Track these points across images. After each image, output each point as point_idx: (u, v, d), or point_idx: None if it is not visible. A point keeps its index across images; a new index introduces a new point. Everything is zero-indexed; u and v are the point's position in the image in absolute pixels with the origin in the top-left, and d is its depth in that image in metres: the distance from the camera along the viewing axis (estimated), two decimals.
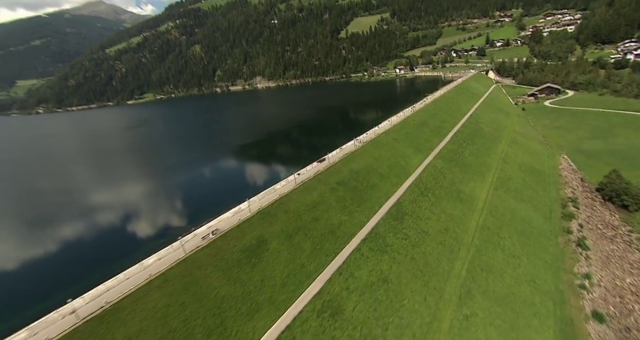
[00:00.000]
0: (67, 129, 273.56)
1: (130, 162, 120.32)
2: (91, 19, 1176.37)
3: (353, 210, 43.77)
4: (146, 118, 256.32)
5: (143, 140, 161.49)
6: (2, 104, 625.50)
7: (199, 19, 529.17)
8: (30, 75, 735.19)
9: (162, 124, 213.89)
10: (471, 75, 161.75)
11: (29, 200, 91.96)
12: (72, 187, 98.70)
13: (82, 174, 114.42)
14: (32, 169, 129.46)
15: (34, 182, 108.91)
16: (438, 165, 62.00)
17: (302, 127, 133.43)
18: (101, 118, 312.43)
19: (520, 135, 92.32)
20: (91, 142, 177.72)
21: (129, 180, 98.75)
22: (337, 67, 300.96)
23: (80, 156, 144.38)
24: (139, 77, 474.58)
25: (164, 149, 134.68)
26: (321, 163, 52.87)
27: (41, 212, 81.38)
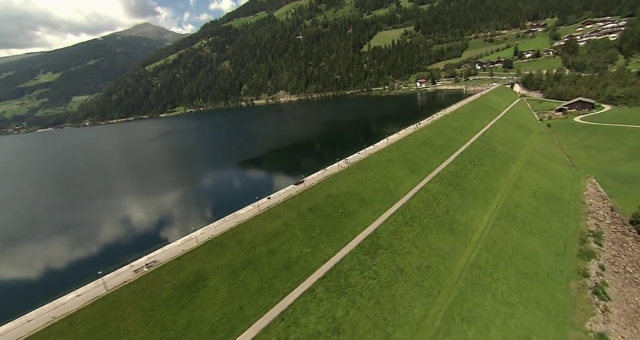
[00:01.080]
0: (92, 142, 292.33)
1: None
2: (138, 39, 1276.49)
3: (320, 241, 39.65)
4: (164, 131, 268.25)
5: (143, 158, 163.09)
6: (59, 117, 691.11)
7: (230, 36, 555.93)
8: (84, 92, 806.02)
9: (174, 138, 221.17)
10: (493, 88, 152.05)
11: None
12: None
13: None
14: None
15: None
16: (433, 190, 56.25)
17: (305, 143, 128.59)
18: (126, 130, 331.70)
19: (540, 155, 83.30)
20: (103, 155, 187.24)
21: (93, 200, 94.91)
22: (358, 81, 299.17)
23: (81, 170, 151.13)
24: (172, 92, 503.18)
25: (161, 164, 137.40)
26: (297, 186, 49.47)
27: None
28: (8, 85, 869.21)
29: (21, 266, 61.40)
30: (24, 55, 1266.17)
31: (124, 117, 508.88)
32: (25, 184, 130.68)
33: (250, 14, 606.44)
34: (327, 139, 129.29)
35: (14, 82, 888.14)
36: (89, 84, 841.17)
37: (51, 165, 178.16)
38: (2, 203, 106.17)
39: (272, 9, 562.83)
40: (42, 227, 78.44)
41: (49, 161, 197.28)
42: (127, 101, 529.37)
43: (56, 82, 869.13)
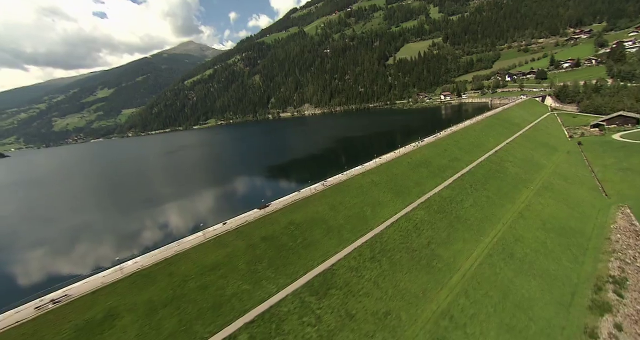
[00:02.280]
0: (130, 151, 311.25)
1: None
2: (182, 56, 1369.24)
3: (263, 277, 35.85)
4: (189, 143, 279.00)
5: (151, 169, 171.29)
6: (109, 129, 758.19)
7: (262, 51, 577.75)
8: (132, 105, 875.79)
9: (196, 150, 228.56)
10: (519, 101, 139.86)
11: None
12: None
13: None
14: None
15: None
16: (417, 218, 50.33)
17: (304, 159, 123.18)
18: (153, 141, 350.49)
19: (562, 179, 73.13)
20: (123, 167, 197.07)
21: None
22: (382, 93, 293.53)
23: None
24: (206, 105, 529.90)
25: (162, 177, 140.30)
26: (261, 210, 46.33)
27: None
28: (73, 101, 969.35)
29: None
30: (88, 74, 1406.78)
31: (161, 129, 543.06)
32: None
33: (283, 29, 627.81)
34: (330, 153, 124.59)
35: (78, 97, 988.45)
36: (136, 98, 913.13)
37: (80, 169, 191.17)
38: None
39: (303, 25, 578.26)
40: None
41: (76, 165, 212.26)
42: (165, 114, 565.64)
43: (110, 97, 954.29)
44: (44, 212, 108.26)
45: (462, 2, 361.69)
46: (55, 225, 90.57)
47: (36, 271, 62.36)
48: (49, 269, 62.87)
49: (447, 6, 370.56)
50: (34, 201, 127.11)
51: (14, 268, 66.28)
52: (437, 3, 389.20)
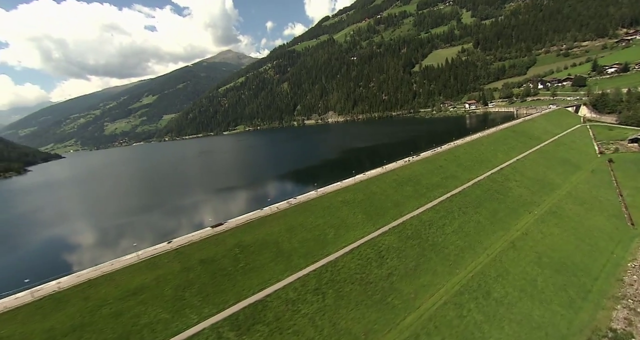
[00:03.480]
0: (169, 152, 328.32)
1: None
2: (220, 64, 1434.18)
3: (189, 305, 33.50)
4: (209, 149, 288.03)
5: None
6: (149, 133, 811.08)
7: (292, 59, 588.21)
8: (172, 111, 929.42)
9: (213, 155, 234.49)
10: (546, 111, 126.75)
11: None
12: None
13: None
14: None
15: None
16: (384, 244, 45.73)
17: (302, 169, 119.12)
18: (182, 146, 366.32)
19: (577, 202, 63.87)
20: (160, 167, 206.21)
21: None
22: (406, 101, 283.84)
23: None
24: (236, 111, 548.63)
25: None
26: (214, 228, 44.48)
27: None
28: (122, 107, 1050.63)
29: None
30: (137, 82, 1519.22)
31: (194, 134, 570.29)
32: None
33: (314, 37, 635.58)
34: (328, 164, 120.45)
35: (126, 104, 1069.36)
36: (176, 104, 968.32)
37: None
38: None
39: (334, 32, 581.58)
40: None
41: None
42: (199, 120, 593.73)
43: (153, 103, 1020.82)
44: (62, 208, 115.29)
45: (497, 6, 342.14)
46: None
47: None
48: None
49: (480, 10, 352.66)
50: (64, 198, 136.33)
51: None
52: (470, 7, 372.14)
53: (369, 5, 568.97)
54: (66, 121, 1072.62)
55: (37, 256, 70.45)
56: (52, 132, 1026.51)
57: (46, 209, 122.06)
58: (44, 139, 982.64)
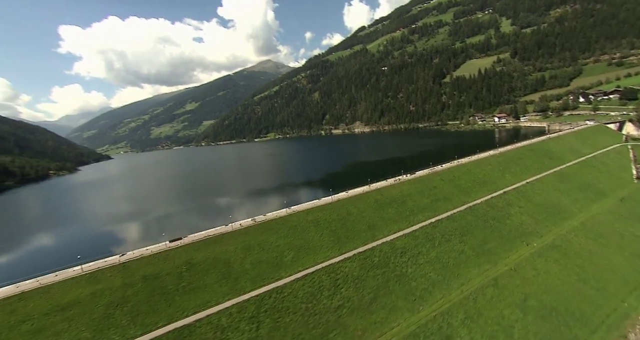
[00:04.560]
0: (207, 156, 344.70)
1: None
2: (259, 73, 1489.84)
3: (115, 325, 32.84)
4: (233, 155, 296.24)
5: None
6: (189, 138, 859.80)
7: (325, 69, 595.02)
8: (211, 117, 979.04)
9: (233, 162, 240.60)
10: (580, 128, 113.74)
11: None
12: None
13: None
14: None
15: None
16: (343, 271, 43.07)
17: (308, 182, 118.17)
18: (214, 151, 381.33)
19: (591, 236, 55.94)
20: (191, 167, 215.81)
21: None
22: (434, 113, 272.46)
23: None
24: (269, 119, 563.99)
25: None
26: (172, 243, 44.68)
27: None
28: (167, 113, 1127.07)
29: None
30: (183, 90, 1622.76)
31: (228, 140, 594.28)
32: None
33: (348, 47, 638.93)
34: (336, 176, 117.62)
35: (171, 110, 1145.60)
36: (215, 111, 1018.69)
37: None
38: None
39: (368, 42, 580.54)
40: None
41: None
42: (233, 126, 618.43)
43: (195, 110, 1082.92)
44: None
45: (540, 13, 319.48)
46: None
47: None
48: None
49: (521, 18, 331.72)
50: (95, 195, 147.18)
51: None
52: (510, 15, 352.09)
53: (405, 15, 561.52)
54: (120, 125, 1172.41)
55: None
56: (108, 135, 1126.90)
57: (60, 209, 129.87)
58: (102, 140, 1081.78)
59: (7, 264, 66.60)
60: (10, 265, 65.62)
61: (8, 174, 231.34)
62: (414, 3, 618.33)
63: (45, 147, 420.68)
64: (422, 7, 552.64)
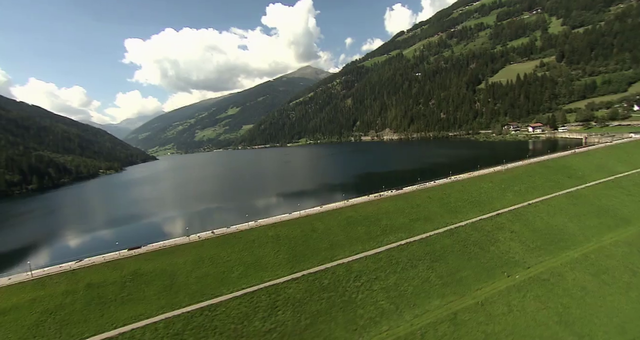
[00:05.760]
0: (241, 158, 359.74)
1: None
2: (298, 79, 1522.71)
3: (41, 334, 33.82)
4: (257, 159, 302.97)
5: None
6: (228, 141, 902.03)
7: (360, 75, 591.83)
8: (250, 122, 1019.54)
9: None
10: (619, 142, 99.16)
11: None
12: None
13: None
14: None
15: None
16: (285, 293, 42.04)
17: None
18: (253, 154, 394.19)
19: (590, 271, 48.54)
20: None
21: None
22: (465, 121, 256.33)
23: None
24: (302, 124, 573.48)
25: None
26: (129, 252, 46.68)
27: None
28: (210, 117, 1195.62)
29: None
30: (226, 95, 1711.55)
31: (263, 144, 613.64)
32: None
33: (385, 53, 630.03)
34: (333, 186, 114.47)
35: (214, 114, 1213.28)
36: (254, 116, 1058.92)
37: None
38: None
39: (405, 48, 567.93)
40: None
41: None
42: (268, 131, 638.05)
43: (236, 115, 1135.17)
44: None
45: (598, 9, 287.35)
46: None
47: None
48: None
49: (574, 17, 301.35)
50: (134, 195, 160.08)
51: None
52: (561, 14, 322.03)
53: (445, 19, 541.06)
54: (169, 128, 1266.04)
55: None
56: (159, 137, 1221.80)
57: (74, 207, 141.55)
58: (153, 142, 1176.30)
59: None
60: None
61: (66, 172, 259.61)
62: (455, 6, 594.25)
63: (102, 148, 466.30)
64: (464, 10, 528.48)
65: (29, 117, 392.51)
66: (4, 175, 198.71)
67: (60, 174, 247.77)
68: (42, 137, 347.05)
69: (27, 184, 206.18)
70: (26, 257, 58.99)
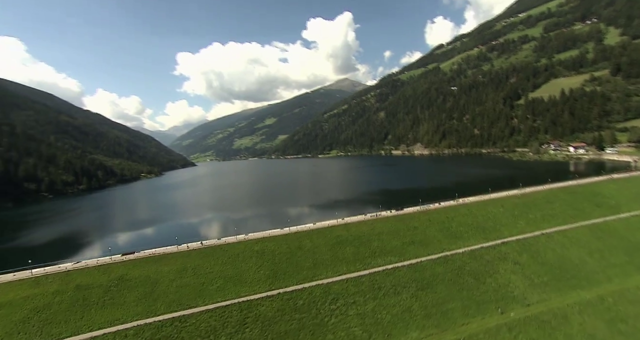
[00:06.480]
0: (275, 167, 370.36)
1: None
2: (335, 91, 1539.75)
3: (26, 330, 36.80)
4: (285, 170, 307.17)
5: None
6: (263, 150, 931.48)
7: (395, 88, 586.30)
8: (286, 132, 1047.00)
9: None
10: None
11: None
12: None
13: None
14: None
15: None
16: (258, 311, 41.99)
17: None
18: (283, 164, 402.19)
19: (603, 317, 43.02)
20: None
21: None
22: (501, 138, 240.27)
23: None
24: (334, 136, 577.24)
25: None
26: (123, 257, 49.71)
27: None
28: (249, 126, 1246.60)
29: None
30: (265, 106, 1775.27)
31: (295, 155, 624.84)
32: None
33: (422, 66, 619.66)
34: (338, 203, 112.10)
35: (252, 124, 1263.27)
36: (290, 126, 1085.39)
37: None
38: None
39: (443, 61, 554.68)
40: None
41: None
42: (301, 142, 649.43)
43: (273, 125, 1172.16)
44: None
45: None
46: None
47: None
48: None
49: (635, 26, 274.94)
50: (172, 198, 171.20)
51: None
52: (621, 23, 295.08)
53: (487, 31, 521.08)
54: (210, 136, 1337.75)
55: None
56: (200, 144, 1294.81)
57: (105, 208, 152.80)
58: (195, 148, 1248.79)
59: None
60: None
61: (112, 174, 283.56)
62: (499, 18, 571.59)
63: (147, 153, 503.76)
64: (508, 21, 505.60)
65: (91, 124, 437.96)
66: (61, 176, 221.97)
67: (107, 176, 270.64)
68: (98, 142, 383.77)
69: (79, 185, 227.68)
70: (44, 253, 64.87)
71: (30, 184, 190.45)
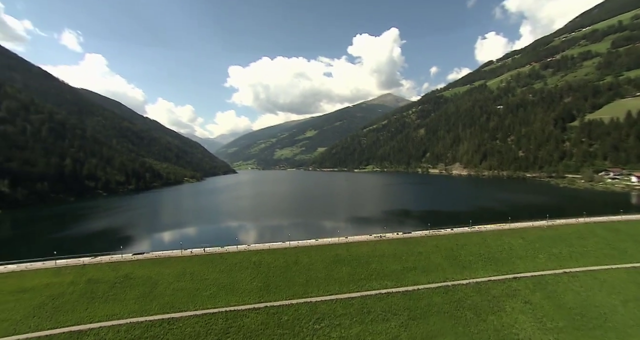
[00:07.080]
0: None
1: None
2: (376, 106, 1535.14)
3: (39, 314, 40.62)
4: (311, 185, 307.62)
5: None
6: (302, 162, 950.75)
7: (438, 105, 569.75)
8: (325, 145, 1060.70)
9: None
10: None
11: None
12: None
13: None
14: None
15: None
16: (241, 322, 43.14)
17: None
18: (318, 176, 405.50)
19: None
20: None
21: None
22: (549, 162, 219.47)
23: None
24: (371, 151, 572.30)
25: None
26: (133, 256, 53.79)
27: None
28: (290, 138, 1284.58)
29: None
30: (308, 119, 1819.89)
31: (331, 168, 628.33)
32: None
33: (468, 83, 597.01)
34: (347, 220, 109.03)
35: (294, 135, 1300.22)
36: (330, 139, 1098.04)
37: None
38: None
39: (490, 78, 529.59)
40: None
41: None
42: (338, 155, 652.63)
43: (313, 137, 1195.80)
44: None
45: None
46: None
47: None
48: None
49: None
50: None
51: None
52: None
53: (542, 47, 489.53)
54: (253, 145, 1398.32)
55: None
56: (243, 153, 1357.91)
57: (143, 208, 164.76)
58: (239, 156, 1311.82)
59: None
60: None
61: (158, 177, 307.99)
62: (559, 33, 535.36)
63: (193, 159, 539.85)
64: (568, 37, 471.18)
65: (147, 130, 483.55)
66: (115, 176, 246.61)
67: (154, 179, 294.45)
68: (150, 146, 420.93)
69: (128, 185, 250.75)
70: (90, 243, 72.37)
71: (90, 181, 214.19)
